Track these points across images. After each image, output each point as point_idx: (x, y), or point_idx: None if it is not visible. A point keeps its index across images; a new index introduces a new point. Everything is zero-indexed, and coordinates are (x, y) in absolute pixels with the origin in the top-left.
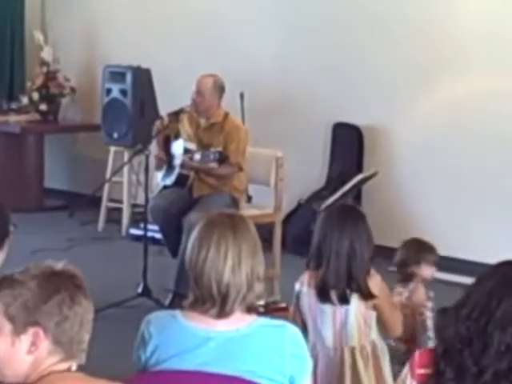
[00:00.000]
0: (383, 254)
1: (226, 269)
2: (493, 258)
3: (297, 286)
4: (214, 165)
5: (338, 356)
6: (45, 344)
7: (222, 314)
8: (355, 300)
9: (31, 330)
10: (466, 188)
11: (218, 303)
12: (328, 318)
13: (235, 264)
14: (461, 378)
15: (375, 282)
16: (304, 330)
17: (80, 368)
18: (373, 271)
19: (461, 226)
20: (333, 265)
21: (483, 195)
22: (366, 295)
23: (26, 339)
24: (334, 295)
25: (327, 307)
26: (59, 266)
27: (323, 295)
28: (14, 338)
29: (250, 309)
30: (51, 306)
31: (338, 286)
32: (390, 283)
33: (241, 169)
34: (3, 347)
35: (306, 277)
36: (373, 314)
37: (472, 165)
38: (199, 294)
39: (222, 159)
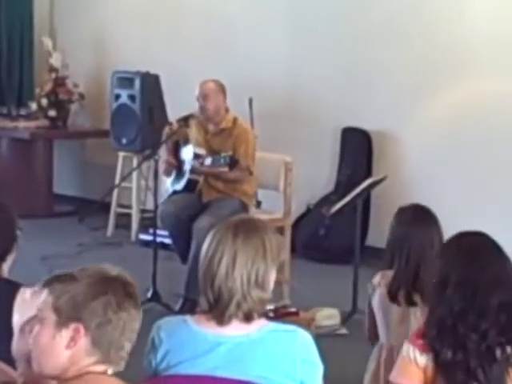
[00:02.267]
0: None
1: (218, 273)
2: None
3: (370, 285)
4: (224, 169)
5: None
6: (83, 342)
7: (219, 319)
8: (418, 301)
9: (73, 325)
10: (477, 191)
11: (213, 308)
12: (394, 317)
13: (229, 269)
14: (461, 350)
15: None
16: (374, 327)
17: (116, 375)
18: None
19: (473, 230)
20: (403, 266)
21: (495, 197)
22: (428, 297)
23: (66, 334)
24: (401, 296)
25: (394, 306)
26: (115, 271)
27: (392, 295)
28: (56, 331)
29: (249, 316)
30: (97, 305)
31: (406, 286)
32: None
33: (251, 173)
34: (45, 338)
35: (379, 276)
36: None
37: (482, 167)
38: (203, 299)
39: (233, 163)
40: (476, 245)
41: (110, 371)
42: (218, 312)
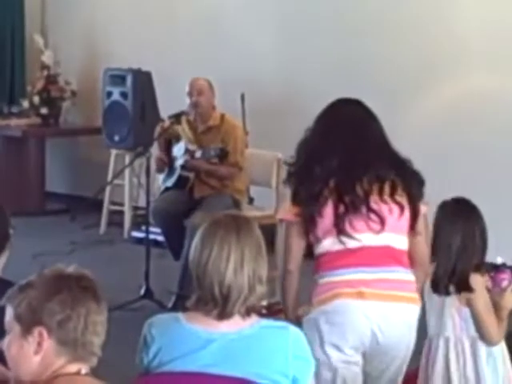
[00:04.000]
0: None
1: (227, 271)
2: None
3: None
4: (215, 160)
5: (434, 343)
6: (49, 344)
7: (223, 315)
8: (452, 291)
9: (36, 330)
10: (471, 186)
11: (219, 304)
12: (435, 306)
13: (237, 266)
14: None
15: (476, 280)
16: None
17: (91, 371)
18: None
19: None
20: (443, 257)
21: (490, 193)
22: (461, 287)
23: (32, 340)
24: (442, 286)
25: (435, 296)
26: (69, 269)
27: (434, 286)
28: (23, 340)
29: (250, 311)
30: (53, 305)
31: (445, 278)
32: None
33: (240, 168)
34: (14, 349)
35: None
36: (467, 310)
37: (476, 162)
38: (202, 295)
39: (223, 155)
40: (351, 113)
41: (83, 370)
42: (223, 308)
